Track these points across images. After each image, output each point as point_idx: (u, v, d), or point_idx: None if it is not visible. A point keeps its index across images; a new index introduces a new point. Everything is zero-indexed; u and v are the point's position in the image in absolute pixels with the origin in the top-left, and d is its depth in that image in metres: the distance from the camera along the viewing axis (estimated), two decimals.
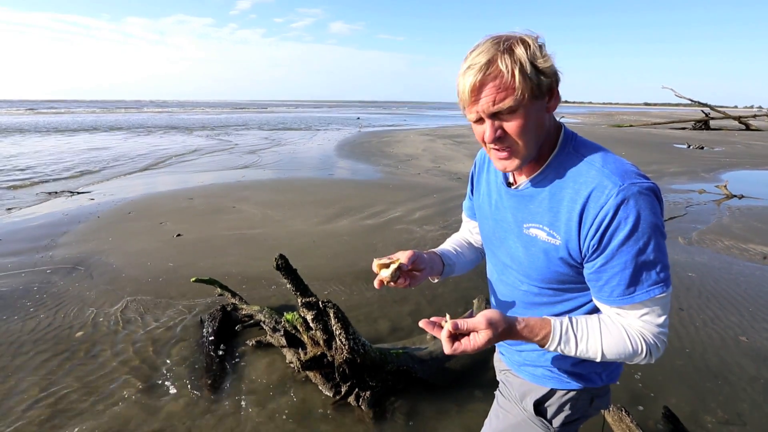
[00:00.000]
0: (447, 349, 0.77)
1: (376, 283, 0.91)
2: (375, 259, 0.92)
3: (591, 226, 0.76)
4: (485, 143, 0.83)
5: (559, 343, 0.80)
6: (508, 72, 0.73)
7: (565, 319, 0.82)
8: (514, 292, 0.97)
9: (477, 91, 0.76)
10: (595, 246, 0.77)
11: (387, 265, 0.91)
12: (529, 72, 0.74)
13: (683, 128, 22.69)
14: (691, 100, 23.05)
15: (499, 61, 0.74)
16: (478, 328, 0.77)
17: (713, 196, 6.78)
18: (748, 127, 22.49)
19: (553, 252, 0.84)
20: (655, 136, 17.86)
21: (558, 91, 0.80)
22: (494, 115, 0.77)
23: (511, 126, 0.78)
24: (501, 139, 0.79)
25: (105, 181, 7.82)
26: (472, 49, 0.78)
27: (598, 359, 0.80)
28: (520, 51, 0.74)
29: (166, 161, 10.26)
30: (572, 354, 0.81)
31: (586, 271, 0.82)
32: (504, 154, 0.82)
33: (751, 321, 2.90)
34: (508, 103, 0.75)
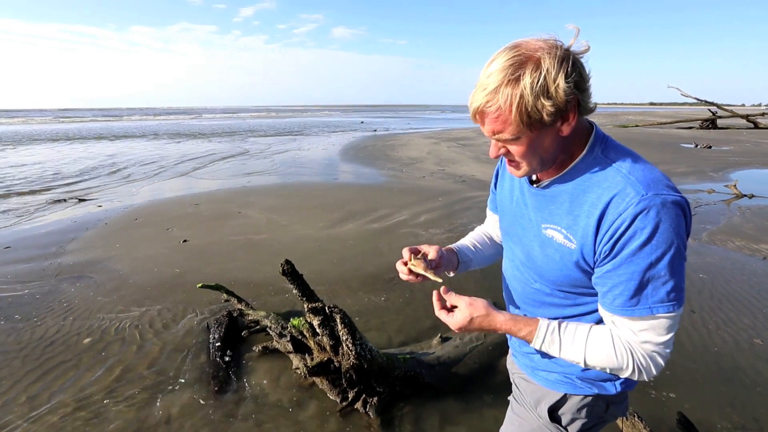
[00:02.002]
0: (435, 309, 0.89)
1: (405, 277, 0.98)
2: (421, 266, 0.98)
3: (606, 232, 0.74)
4: None
5: (543, 343, 0.82)
6: (506, 108, 0.72)
7: (555, 322, 0.83)
8: (526, 289, 0.96)
9: (479, 117, 0.77)
10: (607, 252, 0.75)
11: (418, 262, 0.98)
12: (529, 108, 0.71)
13: (690, 128, 22.47)
14: (698, 99, 22.83)
15: (500, 93, 0.71)
16: (459, 306, 0.84)
17: (723, 195, 6.69)
18: (756, 126, 22.22)
19: (567, 256, 0.82)
20: (662, 136, 17.70)
21: (575, 113, 0.74)
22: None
23: (513, 149, 0.80)
24: (505, 155, 0.82)
25: (114, 187, 7.90)
26: (491, 60, 0.74)
27: (582, 366, 0.82)
28: (527, 81, 0.70)
29: (208, 165, 10.37)
30: (557, 355, 0.83)
31: (594, 276, 0.80)
32: (511, 164, 0.85)
33: (765, 323, 2.84)
34: (506, 135, 0.76)
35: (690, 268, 3.73)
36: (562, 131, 0.76)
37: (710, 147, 13.46)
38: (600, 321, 0.86)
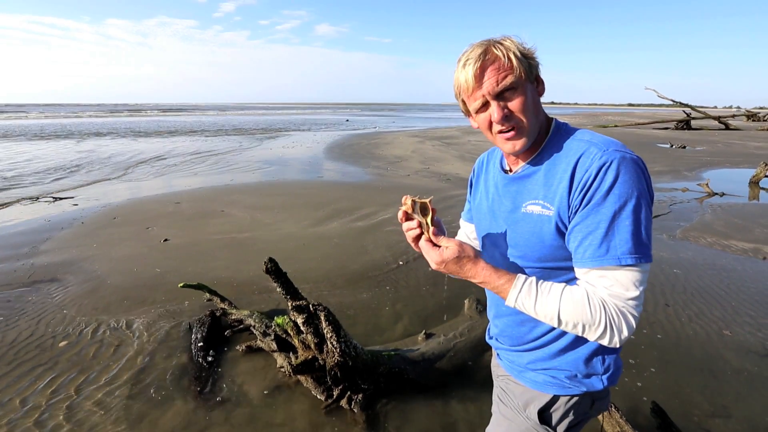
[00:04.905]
0: (422, 241, 0.89)
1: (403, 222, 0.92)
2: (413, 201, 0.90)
3: (576, 188, 0.80)
4: (490, 130, 0.88)
5: (519, 292, 0.83)
6: (504, 56, 0.82)
7: (533, 277, 0.85)
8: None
9: (480, 76, 0.83)
10: (577, 205, 0.80)
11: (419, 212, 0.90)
12: (520, 56, 0.83)
13: (666, 128, 23.20)
14: (673, 101, 23.59)
15: (493, 49, 0.83)
16: (449, 245, 0.86)
17: (696, 194, 6.94)
18: (727, 127, 23.11)
19: (547, 224, 0.85)
20: (640, 136, 18.23)
21: (542, 79, 0.89)
22: (498, 96, 0.84)
23: (515, 104, 0.84)
24: (507, 118, 0.85)
25: (91, 186, 7.66)
26: (463, 51, 0.86)
27: (555, 321, 0.81)
28: (508, 42, 0.84)
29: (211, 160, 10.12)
30: (531, 311, 0.83)
31: (567, 235, 0.83)
32: (511, 133, 0.86)
33: (733, 315, 2.96)
34: (510, 80, 0.82)
35: (665, 263, 3.87)
36: (540, 91, 0.89)
37: (684, 147, 13.94)
38: None
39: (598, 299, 0.78)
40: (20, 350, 2.55)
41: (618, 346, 0.79)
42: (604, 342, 0.78)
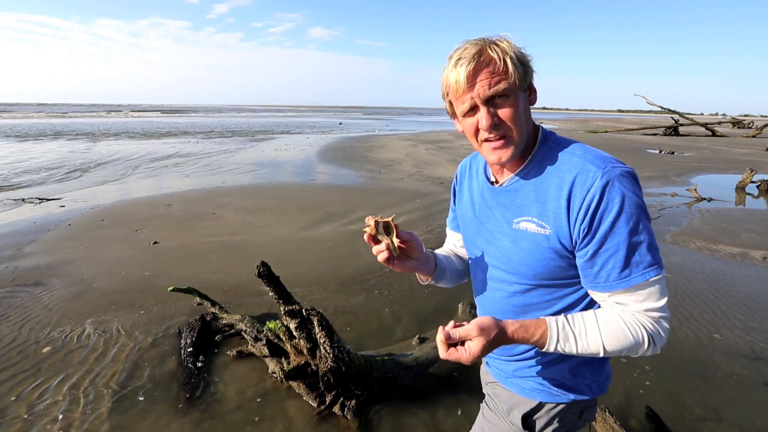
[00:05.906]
0: (442, 353, 0.78)
1: (366, 238, 0.92)
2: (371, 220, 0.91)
3: (579, 210, 0.76)
4: (476, 137, 0.83)
5: (558, 341, 0.79)
6: (500, 59, 0.77)
7: (561, 316, 0.81)
8: (504, 295, 0.93)
9: (471, 78, 0.77)
10: (586, 230, 0.76)
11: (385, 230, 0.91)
12: (516, 62, 0.78)
13: (655, 134, 23.58)
14: (662, 108, 24.03)
15: (489, 51, 0.77)
16: (470, 336, 0.76)
17: (684, 199, 7.04)
18: (714, 134, 23.58)
19: (543, 242, 0.82)
20: (629, 142, 18.51)
21: (535, 87, 0.84)
22: (489, 101, 0.79)
23: (505, 112, 0.79)
24: (496, 126, 0.80)
25: (78, 187, 7.52)
26: (456, 48, 0.80)
27: (601, 354, 0.78)
28: (505, 44, 0.79)
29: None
30: (574, 352, 0.79)
31: (579, 261, 0.80)
32: (499, 143, 0.81)
33: (723, 319, 3.00)
34: (503, 86, 0.77)
35: None
36: (532, 100, 0.84)
37: (673, 153, 14.18)
38: (584, 310, 0.86)
39: (632, 319, 0.78)
40: (1, 356, 2.47)
41: (659, 351, 0.79)
42: (649, 353, 0.79)
